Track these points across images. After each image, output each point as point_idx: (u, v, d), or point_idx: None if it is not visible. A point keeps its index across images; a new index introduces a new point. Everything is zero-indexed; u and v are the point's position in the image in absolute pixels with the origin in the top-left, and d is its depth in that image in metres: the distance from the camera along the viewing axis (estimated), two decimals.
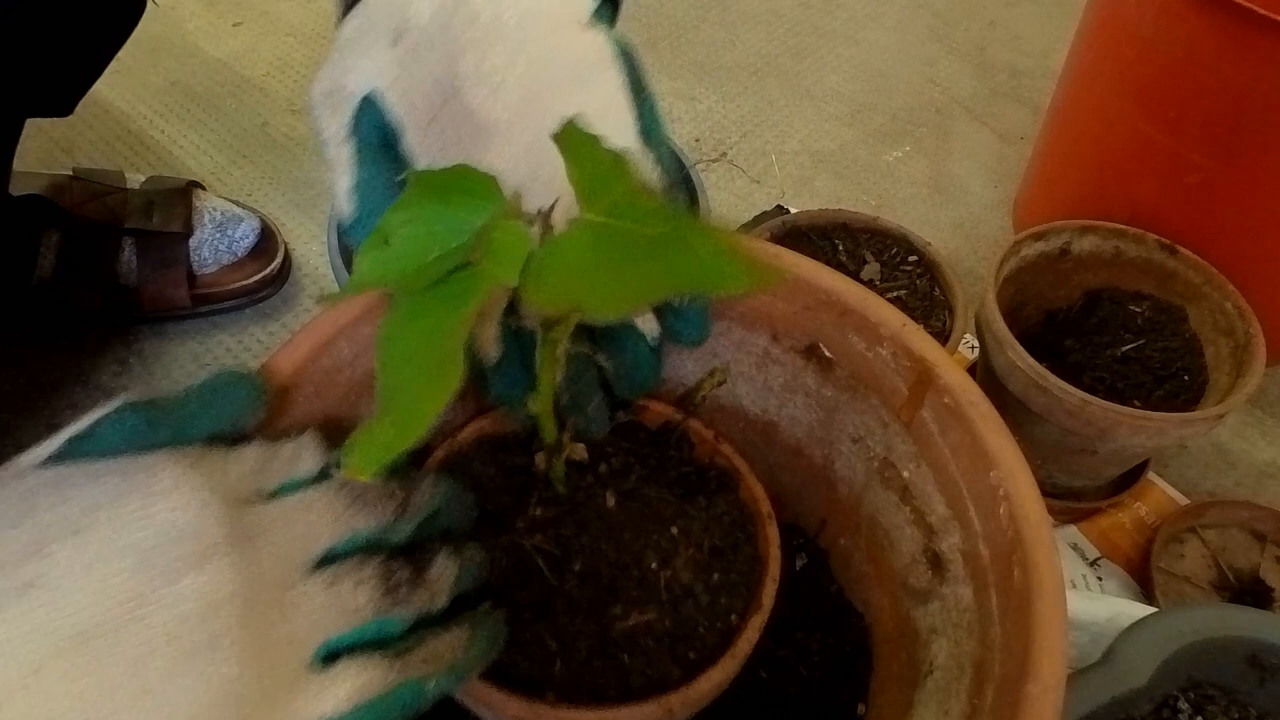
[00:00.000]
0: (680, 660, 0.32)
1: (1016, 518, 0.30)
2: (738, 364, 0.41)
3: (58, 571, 0.22)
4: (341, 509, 0.28)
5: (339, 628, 0.26)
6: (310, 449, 0.29)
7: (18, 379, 0.71)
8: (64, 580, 0.22)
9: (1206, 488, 0.70)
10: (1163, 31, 0.63)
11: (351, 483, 0.28)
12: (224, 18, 1.06)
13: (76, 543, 0.23)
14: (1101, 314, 0.66)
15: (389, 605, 0.27)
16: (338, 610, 0.26)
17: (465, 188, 0.26)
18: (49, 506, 0.24)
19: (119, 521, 0.24)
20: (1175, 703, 0.42)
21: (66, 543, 0.23)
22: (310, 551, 0.27)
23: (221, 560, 0.24)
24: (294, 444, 0.29)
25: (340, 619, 0.26)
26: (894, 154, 0.96)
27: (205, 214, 0.74)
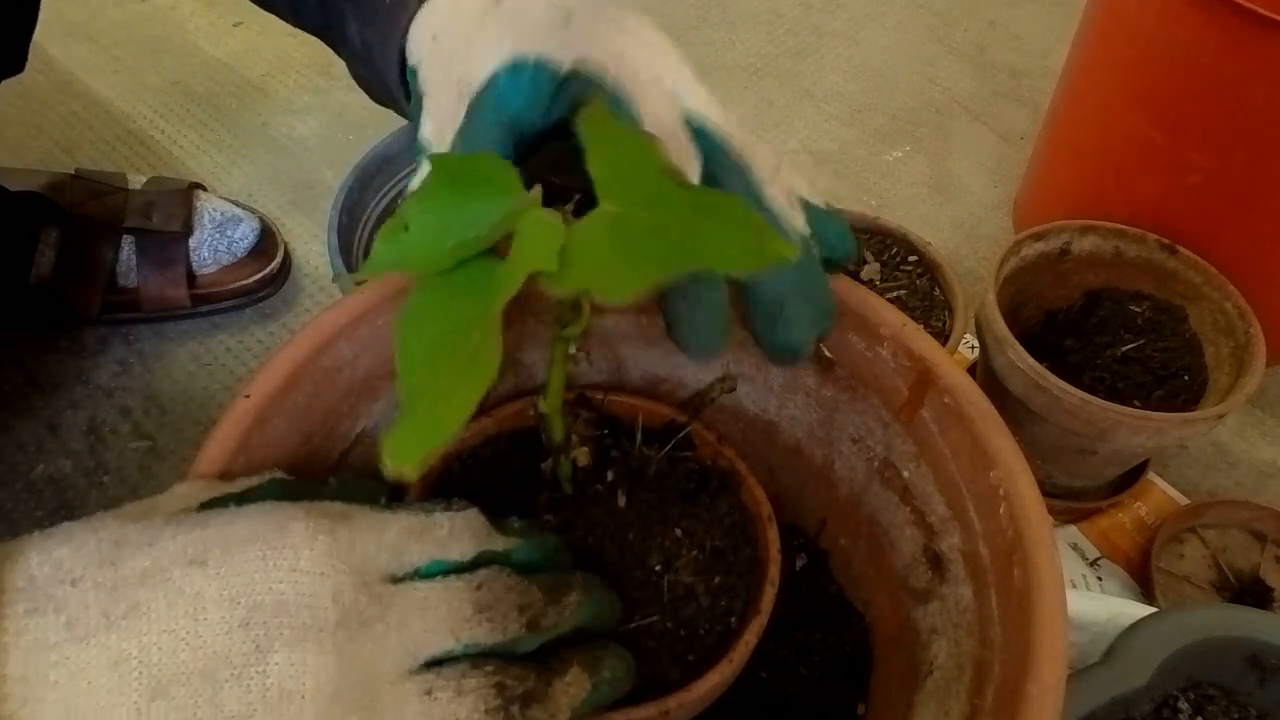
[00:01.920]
0: (679, 662, 0.32)
1: (1016, 518, 0.30)
2: (738, 364, 0.41)
3: (163, 602, 0.21)
4: (465, 616, 0.25)
5: None
6: (469, 533, 0.27)
7: (18, 379, 0.71)
8: (165, 614, 0.21)
9: (1206, 488, 0.70)
10: (1163, 31, 0.63)
11: (487, 584, 0.26)
12: (224, 18, 1.06)
13: (193, 574, 0.22)
14: (1101, 314, 0.66)
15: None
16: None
17: (485, 177, 0.26)
18: (183, 532, 0.23)
19: (237, 565, 0.22)
20: (1175, 703, 0.42)
21: (185, 571, 0.22)
22: (418, 655, 0.24)
23: (320, 644, 0.22)
24: (452, 520, 0.27)
25: None
26: (894, 154, 0.96)
27: (205, 214, 0.74)
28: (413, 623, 0.24)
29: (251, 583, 0.22)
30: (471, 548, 0.27)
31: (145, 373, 0.72)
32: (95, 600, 0.21)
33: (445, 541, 0.26)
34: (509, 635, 0.25)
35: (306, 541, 0.23)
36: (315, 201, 0.86)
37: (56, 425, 0.69)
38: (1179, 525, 0.65)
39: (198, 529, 0.23)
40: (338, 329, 0.35)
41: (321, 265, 0.81)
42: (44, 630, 0.21)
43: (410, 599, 0.24)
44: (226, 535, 0.23)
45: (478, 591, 0.25)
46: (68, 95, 0.94)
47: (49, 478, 0.66)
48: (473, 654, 0.25)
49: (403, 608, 0.24)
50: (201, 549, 0.22)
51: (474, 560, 0.26)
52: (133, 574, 0.22)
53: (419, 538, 0.26)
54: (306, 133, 0.93)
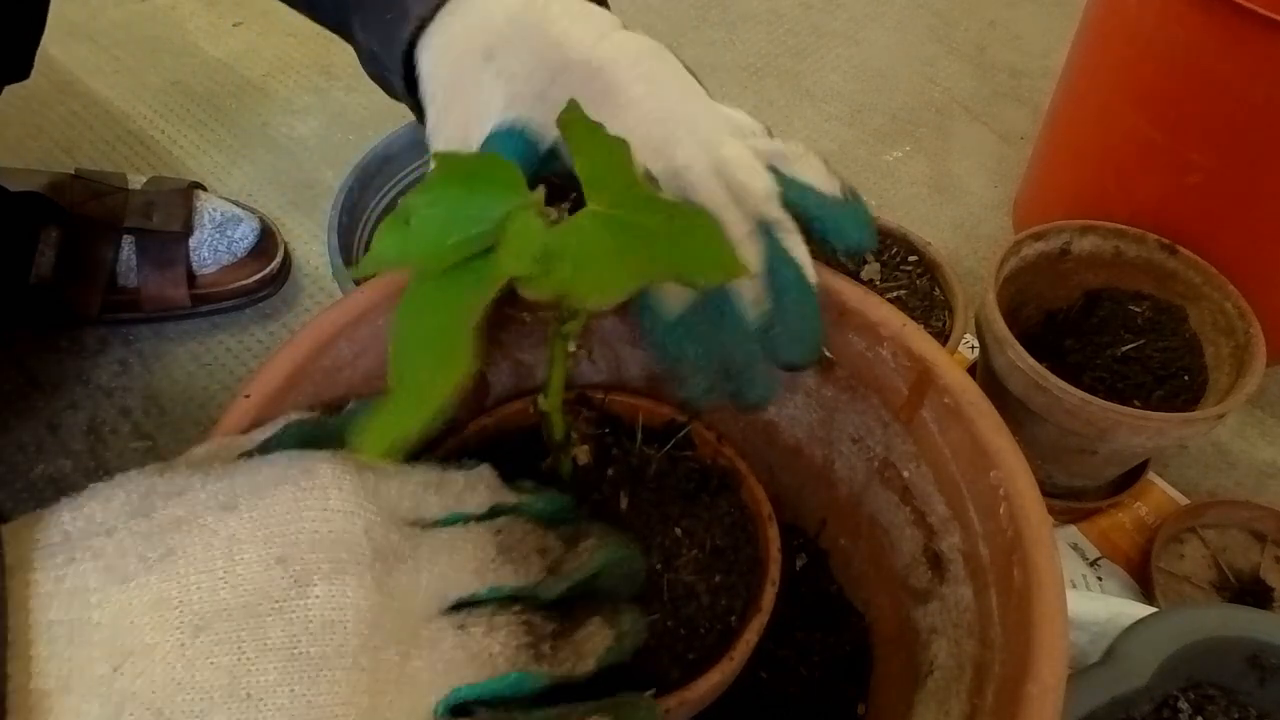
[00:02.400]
0: (680, 661, 0.32)
1: (1016, 518, 0.30)
2: None
3: (198, 546, 0.22)
4: (489, 558, 0.26)
5: (470, 676, 0.24)
6: (484, 485, 0.28)
7: (18, 379, 0.71)
8: (201, 556, 0.22)
9: (1206, 488, 0.70)
10: (1163, 31, 0.63)
11: (507, 529, 0.27)
12: (224, 18, 1.06)
13: (226, 517, 0.22)
14: (1101, 314, 0.66)
15: (528, 659, 0.24)
16: (469, 656, 0.24)
17: (490, 175, 0.27)
18: (212, 480, 0.24)
19: (268, 508, 0.23)
20: (1175, 703, 0.42)
21: (218, 515, 0.22)
22: (447, 593, 0.25)
23: (357, 576, 0.23)
24: (466, 475, 0.28)
25: (472, 667, 0.24)
26: (894, 154, 0.96)
27: (205, 214, 0.74)
28: (441, 561, 0.25)
29: (284, 522, 0.23)
30: (486, 499, 0.27)
31: (145, 373, 0.72)
32: (131, 546, 0.22)
33: (461, 494, 0.27)
34: (532, 578, 0.26)
35: (334, 482, 0.24)
36: (315, 201, 0.86)
37: (56, 425, 0.69)
38: (1179, 525, 0.65)
39: (225, 478, 0.23)
40: (338, 329, 0.35)
41: (321, 265, 0.81)
42: (83, 577, 0.21)
43: (437, 541, 0.25)
44: (255, 480, 0.23)
45: (498, 535, 0.26)
46: (68, 95, 0.94)
47: (49, 478, 0.66)
48: (498, 597, 0.26)
49: (431, 548, 0.25)
50: (231, 495, 0.23)
51: (490, 512, 0.27)
52: (165, 521, 0.22)
53: (436, 489, 0.27)
54: (306, 133, 0.93)
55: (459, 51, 0.34)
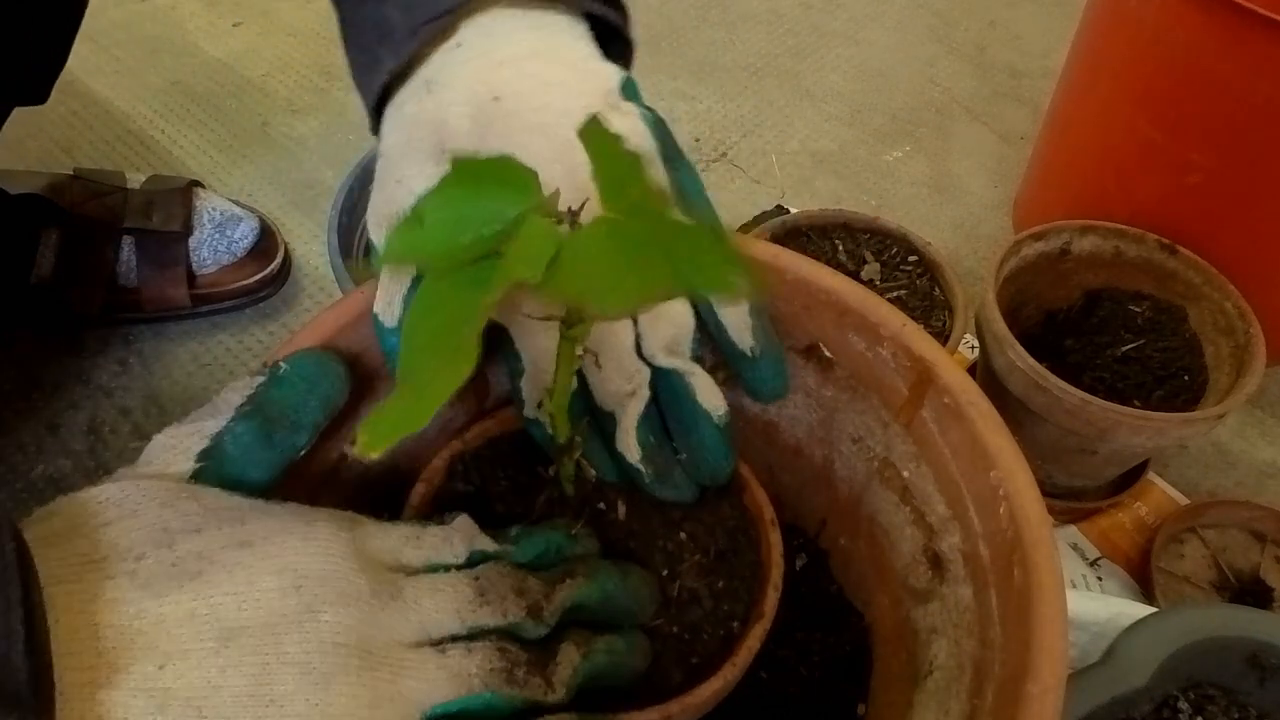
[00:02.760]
0: (683, 666, 0.32)
1: (1016, 518, 0.30)
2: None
3: (222, 573, 0.24)
4: (467, 599, 0.28)
5: (446, 694, 0.26)
6: (459, 537, 0.30)
7: (18, 379, 0.71)
8: (226, 581, 0.24)
9: (1206, 488, 0.70)
10: (1163, 31, 0.63)
11: (484, 575, 0.28)
12: (224, 18, 1.06)
13: (242, 554, 0.25)
14: (1101, 314, 0.66)
15: (500, 681, 0.27)
16: (447, 675, 0.26)
17: (504, 178, 0.27)
18: (226, 521, 0.26)
19: (280, 548, 0.25)
20: (1175, 703, 0.42)
21: (234, 552, 0.25)
22: (430, 631, 0.27)
23: (358, 608, 0.25)
24: (444, 530, 0.30)
25: (448, 685, 0.26)
26: (894, 154, 0.96)
27: (205, 214, 0.74)
28: (424, 603, 0.27)
29: (295, 559, 0.25)
30: (464, 549, 0.29)
31: (145, 373, 0.72)
32: (162, 571, 0.24)
33: (439, 545, 0.29)
34: (511, 618, 0.28)
35: (332, 534, 0.27)
36: (315, 201, 0.86)
37: (56, 425, 0.69)
38: (1179, 525, 0.65)
39: (237, 522, 0.26)
40: (338, 329, 0.35)
41: (321, 265, 0.81)
42: (122, 590, 0.23)
43: (418, 585, 0.27)
44: (265, 526, 0.26)
45: (476, 580, 0.28)
46: (68, 95, 0.94)
47: (49, 478, 0.66)
48: (477, 636, 0.28)
49: (413, 590, 0.27)
50: (246, 536, 0.26)
51: (469, 560, 0.29)
52: (189, 553, 0.25)
53: (415, 543, 0.29)
54: (306, 133, 0.93)
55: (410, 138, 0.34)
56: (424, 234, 0.26)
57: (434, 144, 0.33)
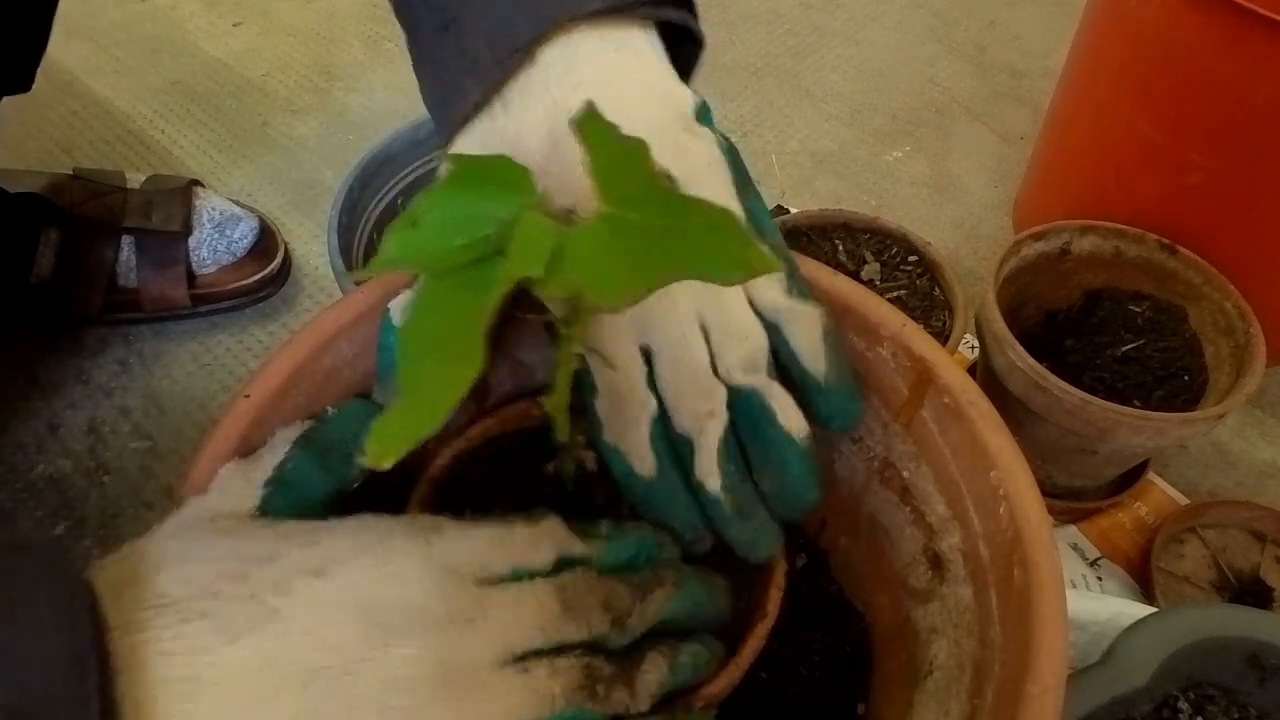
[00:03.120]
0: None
1: (1016, 518, 0.30)
2: None
3: (298, 608, 0.24)
4: (552, 614, 0.27)
5: (530, 714, 0.26)
6: (548, 539, 0.29)
7: (18, 379, 0.71)
8: (305, 617, 0.24)
9: (1206, 488, 0.70)
10: (1163, 31, 0.63)
11: (571, 585, 0.28)
12: (224, 18, 1.06)
13: (316, 584, 0.25)
14: (1101, 314, 0.66)
15: (584, 698, 0.26)
16: (531, 696, 0.26)
17: (501, 178, 0.26)
18: (299, 546, 0.26)
19: (353, 575, 0.25)
20: (1175, 703, 0.42)
21: (309, 582, 0.25)
22: (513, 650, 0.26)
23: (435, 635, 0.25)
24: (530, 529, 0.29)
25: (532, 706, 0.26)
26: (894, 154, 0.96)
27: (204, 214, 0.74)
28: (506, 619, 0.26)
29: (368, 588, 0.25)
30: (551, 554, 0.28)
31: (145, 373, 0.72)
32: (238, 608, 0.24)
33: (525, 549, 0.28)
34: (595, 632, 0.27)
35: (407, 551, 0.26)
36: (315, 201, 0.86)
37: (56, 425, 0.69)
38: (1179, 525, 0.65)
39: (310, 545, 0.26)
40: (338, 329, 0.35)
41: (321, 265, 0.81)
42: (198, 637, 0.23)
43: (500, 599, 0.27)
44: (339, 548, 0.26)
45: (562, 592, 0.27)
46: (68, 95, 0.94)
47: (49, 478, 0.66)
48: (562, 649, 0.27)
49: (495, 607, 0.26)
50: (320, 562, 0.25)
51: (556, 565, 0.28)
52: (262, 585, 0.24)
53: (500, 547, 0.28)
54: (306, 133, 0.93)
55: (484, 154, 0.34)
56: (419, 236, 0.26)
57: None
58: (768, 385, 0.32)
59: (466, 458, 0.37)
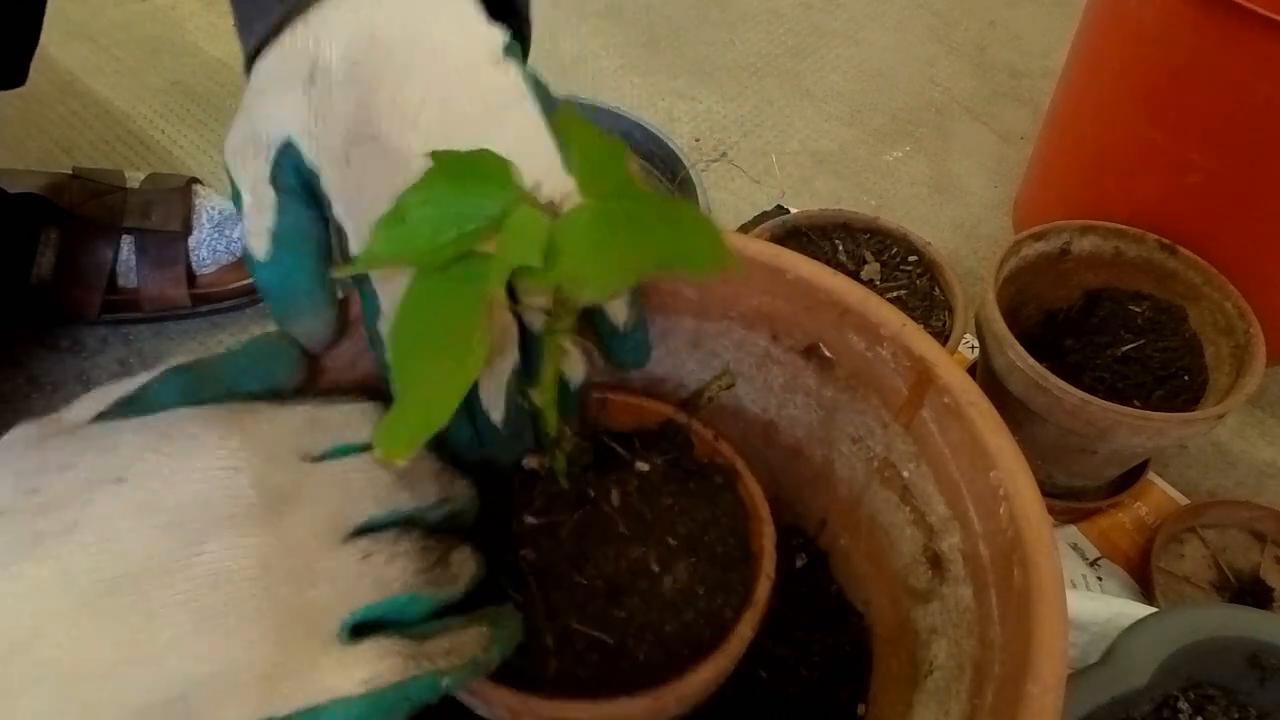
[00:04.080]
0: (675, 655, 0.32)
1: (1016, 518, 0.30)
2: (738, 364, 0.41)
3: (97, 519, 0.23)
4: (386, 482, 0.27)
5: (369, 599, 0.25)
6: (366, 415, 0.29)
7: (17, 379, 0.71)
8: (102, 528, 0.23)
9: (1206, 488, 0.70)
10: (1163, 32, 0.63)
11: None
12: (224, 18, 1.06)
13: (117, 490, 0.24)
14: (1101, 314, 0.66)
15: (421, 583, 0.26)
16: (370, 581, 0.26)
17: (483, 173, 0.27)
18: (98, 453, 0.25)
19: (159, 476, 0.24)
20: (1175, 703, 0.42)
21: (109, 489, 0.24)
22: (348, 521, 0.26)
23: (251, 525, 0.24)
24: (348, 408, 0.29)
25: (372, 590, 0.26)
26: (894, 154, 0.96)
27: (204, 213, 0.74)
28: (334, 495, 0.26)
29: (172, 488, 0.24)
30: (369, 430, 0.28)
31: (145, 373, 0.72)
32: (30, 522, 0.23)
33: (344, 427, 0.28)
34: (427, 501, 0.28)
35: (219, 442, 0.25)
36: None
37: None
38: (1179, 525, 0.65)
39: (111, 450, 0.25)
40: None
41: None
42: None
43: (330, 470, 0.26)
44: (141, 449, 0.25)
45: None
46: (68, 95, 0.94)
47: None
48: (396, 520, 0.27)
49: (325, 480, 0.26)
50: (120, 467, 0.24)
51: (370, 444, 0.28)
52: (60, 496, 0.23)
53: (320, 425, 0.28)
54: None
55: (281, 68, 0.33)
56: (408, 231, 0.26)
57: (304, 74, 0.32)
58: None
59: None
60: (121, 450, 0.25)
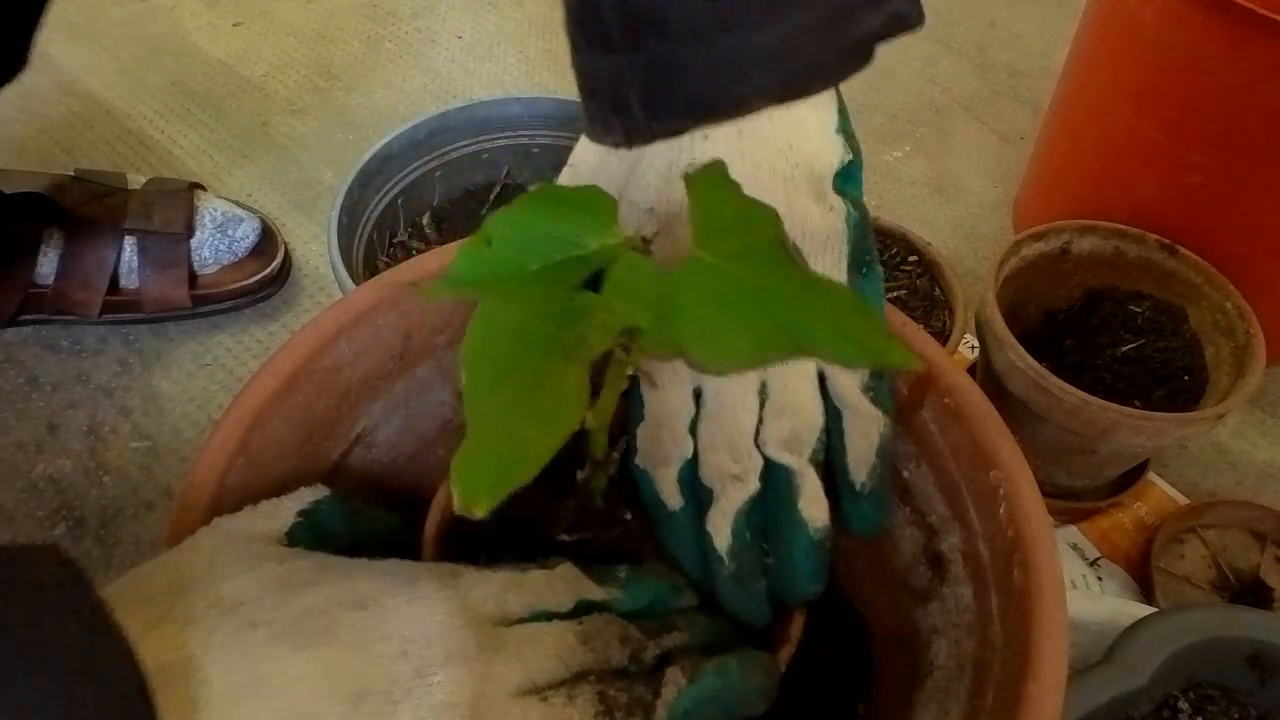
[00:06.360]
0: None
1: (1016, 518, 0.30)
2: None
3: (342, 636, 0.25)
4: (570, 646, 0.27)
5: None
6: (563, 583, 0.29)
7: (17, 379, 0.71)
8: (349, 642, 0.25)
9: (1206, 488, 0.70)
10: (1163, 31, 0.63)
11: (589, 622, 0.28)
12: (224, 18, 1.06)
13: (358, 616, 0.25)
14: (1101, 314, 0.66)
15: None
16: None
17: (580, 204, 0.26)
18: (338, 579, 0.27)
19: (390, 610, 0.26)
20: (1175, 703, 0.42)
21: (351, 613, 0.25)
22: (534, 679, 0.27)
23: (465, 667, 0.25)
24: (547, 574, 0.29)
25: None
26: (894, 154, 0.96)
27: (206, 214, 0.74)
28: (526, 651, 0.27)
29: (403, 622, 0.26)
30: (568, 597, 0.29)
31: (145, 373, 0.72)
32: (294, 624, 0.25)
33: (542, 591, 0.29)
34: (616, 662, 0.28)
35: (435, 591, 0.27)
36: (315, 201, 0.86)
37: (56, 425, 0.69)
38: (1179, 525, 0.65)
39: (347, 579, 0.27)
40: (338, 329, 0.35)
41: (321, 265, 0.81)
42: (258, 644, 0.24)
43: (521, 635, 0.27)
44: (374, 585, 0.27)
45: (579, 626, 0.28)
46: (68, 95, 0.94)
47: (49, 478, 0.66)
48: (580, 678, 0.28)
49: (516, 641, 0.27)
50: (360, 596, 0.26)
51: (574, 609, 0.29)
52: (313, 607, 0.25)
53: (517, 589, 0.28)
54: (306, 133, 0.93)
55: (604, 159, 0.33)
56: (492, 256, 0.25)
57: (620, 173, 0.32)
58: (803, 468, 0.32)
59: None
60: (358, 581, 0.27)
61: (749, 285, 0.23)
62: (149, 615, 0.24)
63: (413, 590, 0.27)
